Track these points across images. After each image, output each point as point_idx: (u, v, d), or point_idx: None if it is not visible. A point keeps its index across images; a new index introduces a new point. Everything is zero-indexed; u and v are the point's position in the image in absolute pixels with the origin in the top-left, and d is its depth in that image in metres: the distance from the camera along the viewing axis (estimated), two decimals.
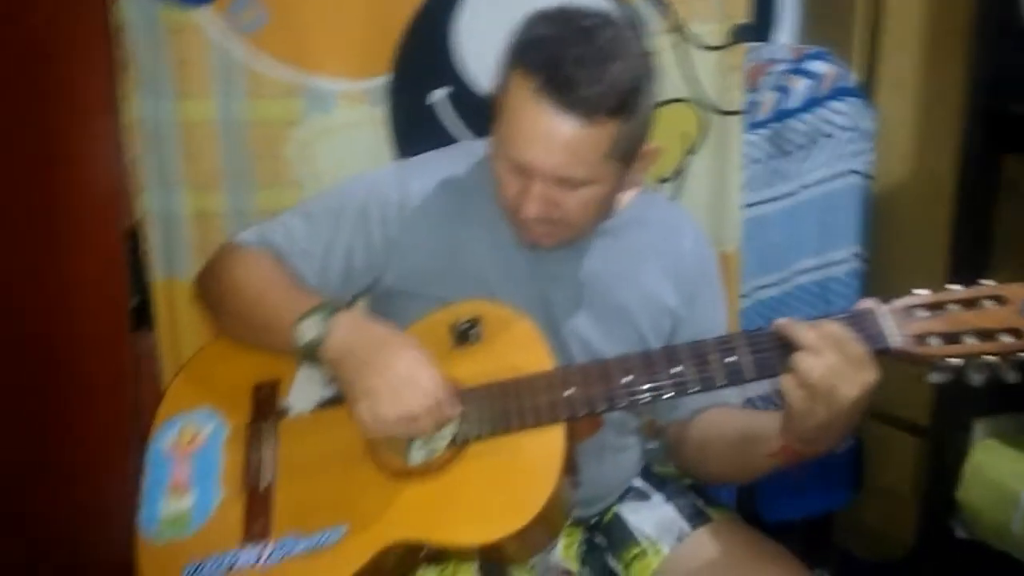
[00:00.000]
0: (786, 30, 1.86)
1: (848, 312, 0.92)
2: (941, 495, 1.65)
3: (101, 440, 1.48)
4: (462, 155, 1.23)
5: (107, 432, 1.48)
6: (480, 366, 1.02)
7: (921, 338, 0.89)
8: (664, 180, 1.62)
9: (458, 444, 1.00)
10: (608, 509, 1.24)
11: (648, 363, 0.97)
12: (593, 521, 1.24)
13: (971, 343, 0.88)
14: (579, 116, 0.97)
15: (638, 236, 1.21)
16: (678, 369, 0.95)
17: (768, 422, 1.00)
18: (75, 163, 1.42)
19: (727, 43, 1.57)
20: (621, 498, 1.25)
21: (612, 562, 1.19)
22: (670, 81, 1.57)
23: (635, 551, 1.18)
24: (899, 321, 0.90)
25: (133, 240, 1.43)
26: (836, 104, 1.72)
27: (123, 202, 1.42)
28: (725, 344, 0.95)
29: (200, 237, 1.41)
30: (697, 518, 1.20)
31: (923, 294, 0.91)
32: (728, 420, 1.14)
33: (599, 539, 1.22)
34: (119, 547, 1.10)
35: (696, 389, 0.95)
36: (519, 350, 1.03)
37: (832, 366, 0.86)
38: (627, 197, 1.19)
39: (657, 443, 1.29)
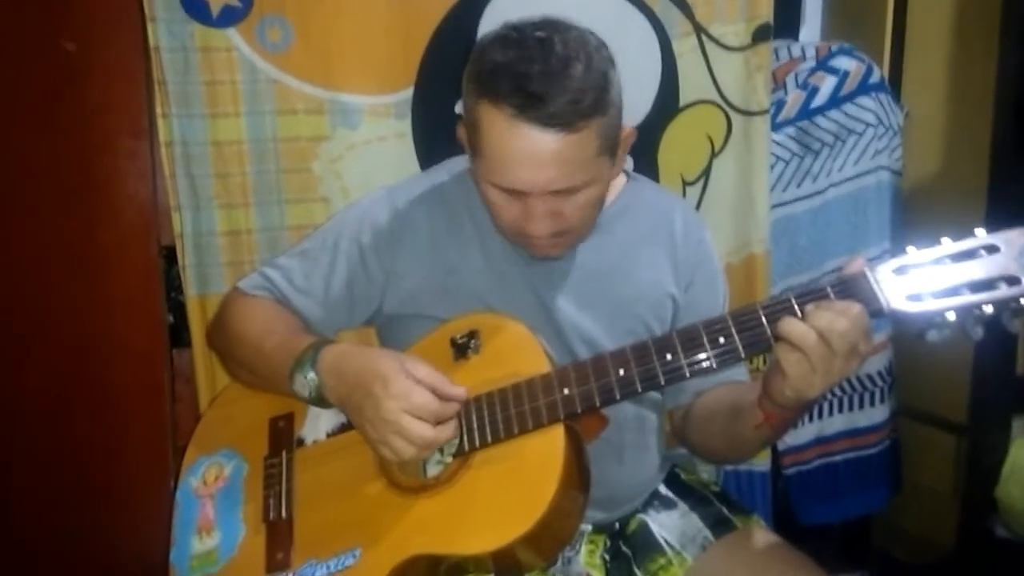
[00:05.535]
0: (811, 27, 1.85)
1: (839, 278, 0.91)
2: (981, 494, 1.63)
3: (139, 455, 1.51)
4: (445, 172, 1.24)
5: (145, 447, 1.51)
6: (482, 376, 1.03)
7: (916, 296, 0.87)
8: (690, 182, 1.62)
9: (466, 454, 1.01)
10: (633, 516, 1.24)
11: (642, 354, 0.97)
12: (617, 527, 1.23)
13: (967, 295, 0.86)
14: (560, 128, 0.98)
15: (629, 226, 1.21)
16: (670, 356, 0.95)
17: (751, 395, 1.01)
18: (112, 184, 1.45)
19: (751, 43, 1.56)
20: (647, 506, 1.25)
21: (638, 572, 1.18)
22: (694, 83, 1.57)
23: (661, 561, 1.17)
24: (892, 281, 0.88)
25: (169, 258, 1.45)
26: (863, 100, 1.71)
27: (159, 221, 1.46)
28: (715, 327, 0.95)
29: (232, 254, 1.43)
30: (721, 527, 1.19)
31: (915, 251, 0.89)
32: (720, 399, 1.14)
33: (625, 548, 1.21)
34: (155, 562, 1.14)
35: (688, 375, 0.95)
36: (517, 356, 1.04)
37: (821, 354, 0.87)
38: (613, 189, 1.19)
39: (683, 450, 1.29)
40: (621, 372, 0.97)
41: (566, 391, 0.98)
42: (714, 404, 1.15)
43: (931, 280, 0.87)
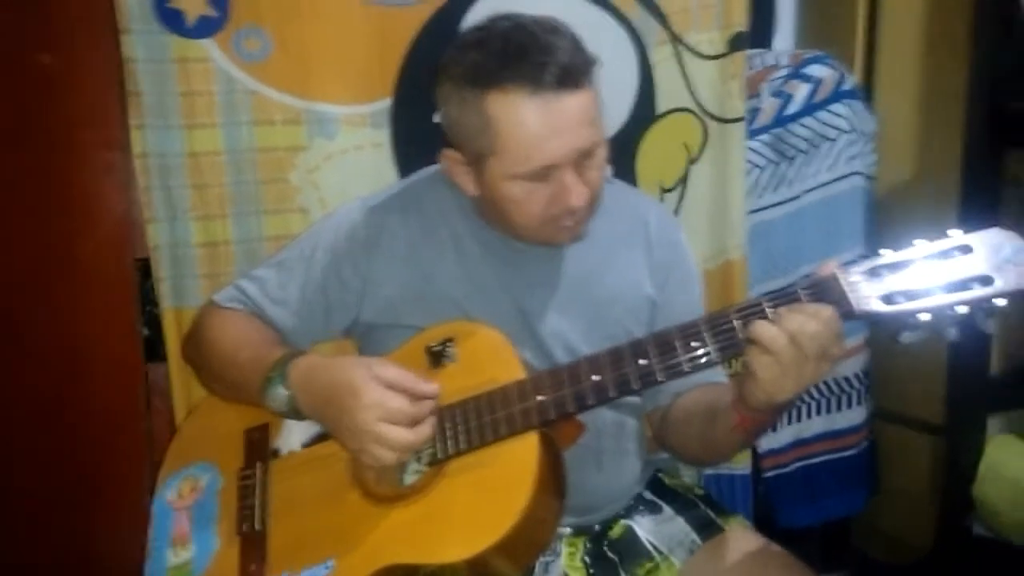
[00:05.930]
0: (784, 35, 1.87)
1: (811, 281, 0.91)
2: (958, 493, 1.65)
3: (115, 469, 1.50)
4: (417, 180, 1.25)
5: (121, 461, 1.50)
6: (458, 383, 1.03)
7: (889, 298, 0.88)
8: (668, 190, 1.63)
9: (440, 462, 1.01)
10: (617, 521, 1.24)
11: (616, 359, 0.98)
12: (598, 530, 1.23)
13: (940, 296, 0.86)
14: (574, 86, 1.01)
15: (606, 228, 1.21)
16: (644, 362, 0.96)
17: (727, 397, 1.02)
18: (88, 196, 1.44)
19: (726, 52, 1.58)
20: (632, 511, 1.25)
21: None
22: (670, 91, 1.58)
23: (648, 566, 1.18)
24: (864, 283, 0.89)
25: (144, 271, 1.44)
26: (837, 107, 1.73)
27: (134, 234, 1.44)
28: (689, 331, 0.95)
29: (209, 266, 1.41)
30: (708, 529, 1.20)
31: (888, 253, 0.90)
32: (697, 400, 1.15)
33: (611, 554, 1.21)
34: (132, 571, 1.13)
35: (662, 379, 0.96)
36: (493, 363, 1.04)
37: (792, 358, 0.87)
38: None
39: (666, 454, 1.29)
40: (595, 378, 0.98)
41: (540, 397, 0.98)
42: (691, 406, 1.16)
43: (905, 281, 0.88)
